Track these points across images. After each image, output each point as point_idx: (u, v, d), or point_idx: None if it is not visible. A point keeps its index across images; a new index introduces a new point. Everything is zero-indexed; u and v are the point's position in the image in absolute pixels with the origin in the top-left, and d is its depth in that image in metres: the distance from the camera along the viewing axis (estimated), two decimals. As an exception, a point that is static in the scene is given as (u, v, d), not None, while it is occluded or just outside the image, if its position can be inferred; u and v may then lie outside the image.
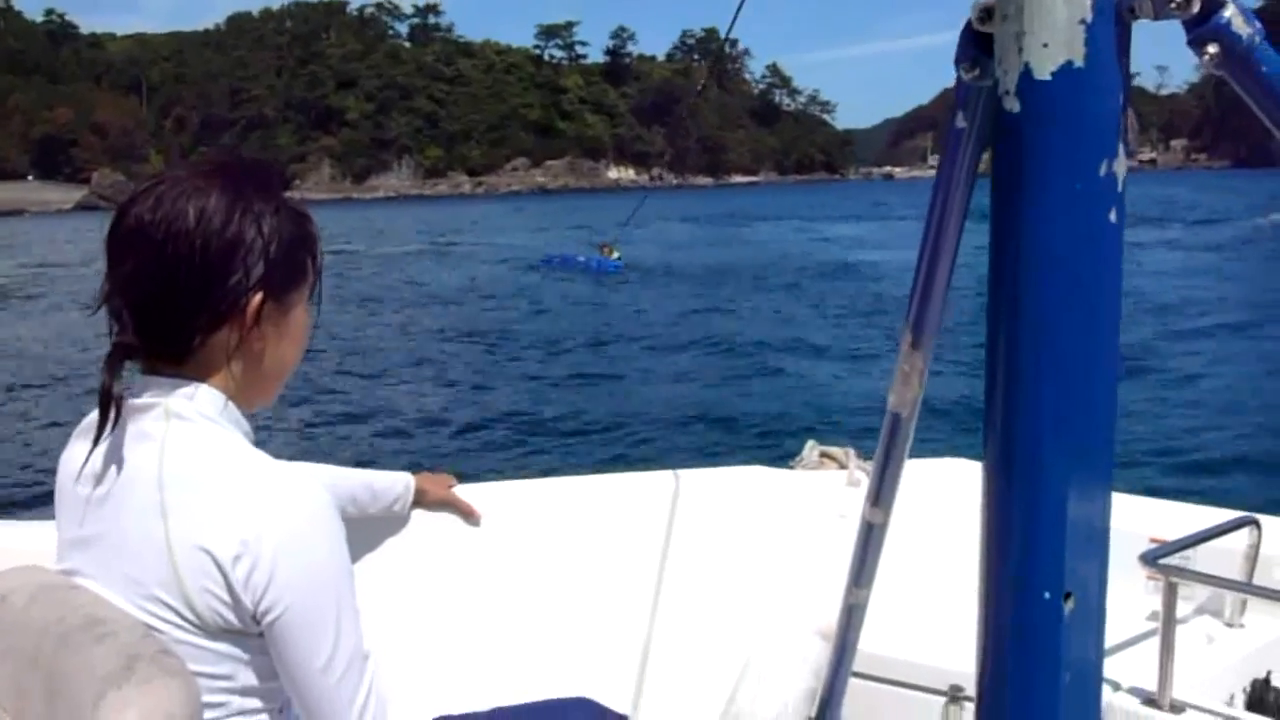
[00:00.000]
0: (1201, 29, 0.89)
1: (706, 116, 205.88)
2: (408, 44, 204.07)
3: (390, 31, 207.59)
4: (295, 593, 1.47)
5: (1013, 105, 0.91)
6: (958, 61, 1.00)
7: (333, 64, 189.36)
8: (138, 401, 1.54)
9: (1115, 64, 0.90)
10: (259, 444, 1.61)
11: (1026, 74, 0.90)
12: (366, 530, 2.59)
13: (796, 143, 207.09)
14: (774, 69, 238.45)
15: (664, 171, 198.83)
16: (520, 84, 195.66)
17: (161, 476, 1.49)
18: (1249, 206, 63.91)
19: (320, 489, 1.54)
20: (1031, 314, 0.93)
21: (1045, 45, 0.89)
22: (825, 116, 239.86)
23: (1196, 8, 0.88)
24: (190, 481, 1.49)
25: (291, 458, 2.02)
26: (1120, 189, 0.92)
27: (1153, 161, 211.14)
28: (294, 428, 15.35)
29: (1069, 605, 0.95)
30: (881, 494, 1.33)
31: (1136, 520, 2.91)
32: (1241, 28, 0.88)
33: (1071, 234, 0.91)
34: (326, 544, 1.51)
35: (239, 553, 1.44)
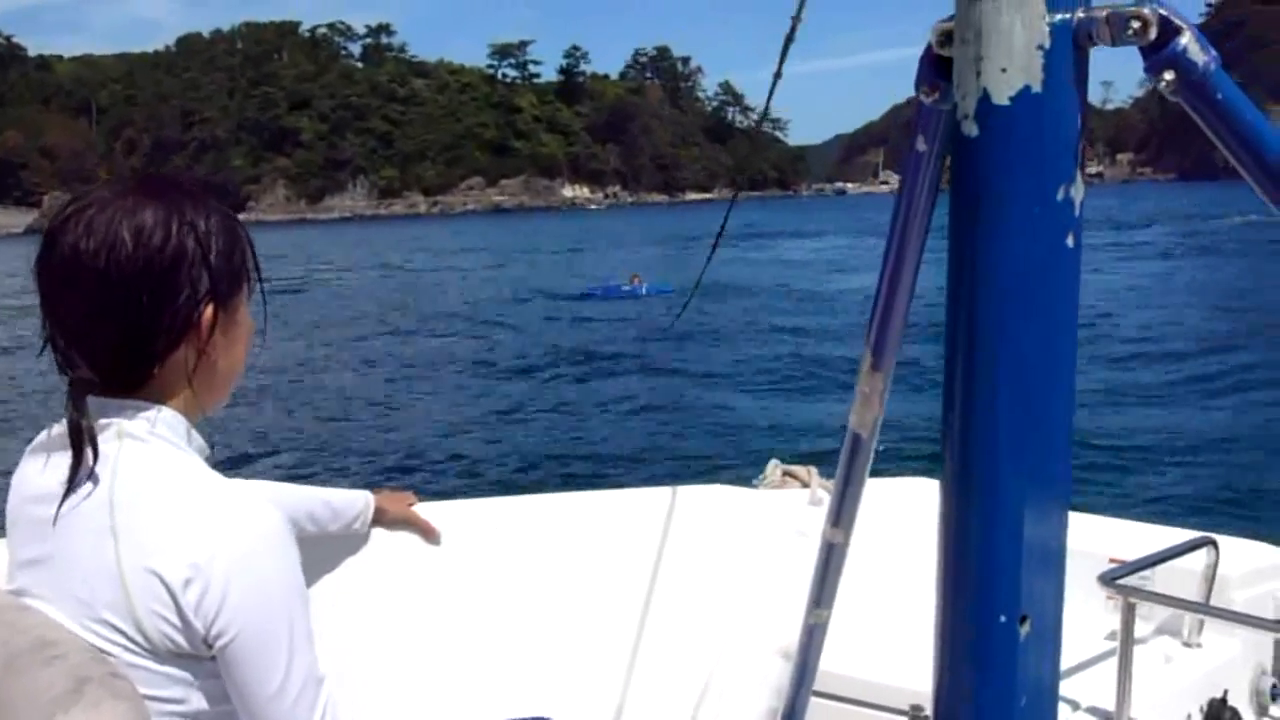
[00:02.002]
0: (1158, 56, 0.90)
1: (660, 134, 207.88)
2: (360, 64, 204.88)
3: (343, 52, 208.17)
4: (247, 617, 1.44)
5: (971, 129, 0.92)
6: (918, 84, 1.02)
7: (285, 85, 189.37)
8: (91, 424, 1.50)
9: (1073, 89, 0.91)
10: (219, 461, 1.59)
11: (985, 99, 0.91)
12: (325, 549, 2.59)
13: (750, 159, 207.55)
14: (726, 86, 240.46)
15: (618, 189, 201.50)
16: (475, 103, 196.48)
17: (113, 498, 1.46)
18: (1197, 215, 65.38)
19: (272, 509, 1.51)
20: (989, 337, 0.93)
21: (1004, 70, 0.90)
22: (778, 133, 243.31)
23: (1153, 35, 0.90)
24: (141, 503, 1.46)
25: (252, 476, 2.16)
26: (1077, 213, 0.93)
27: (1100, 175, 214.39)
28: (258, 445, 15.54)
29: (1025, 628, 0.95)
30: (842, 514, 1.33)
31: (1095, 540, 2.96)
32: (1197, 55, 0.90)
33: (1029, 258, 0.91)
34: (279, 566, 1.48)
35: (189, 576, 1.42)
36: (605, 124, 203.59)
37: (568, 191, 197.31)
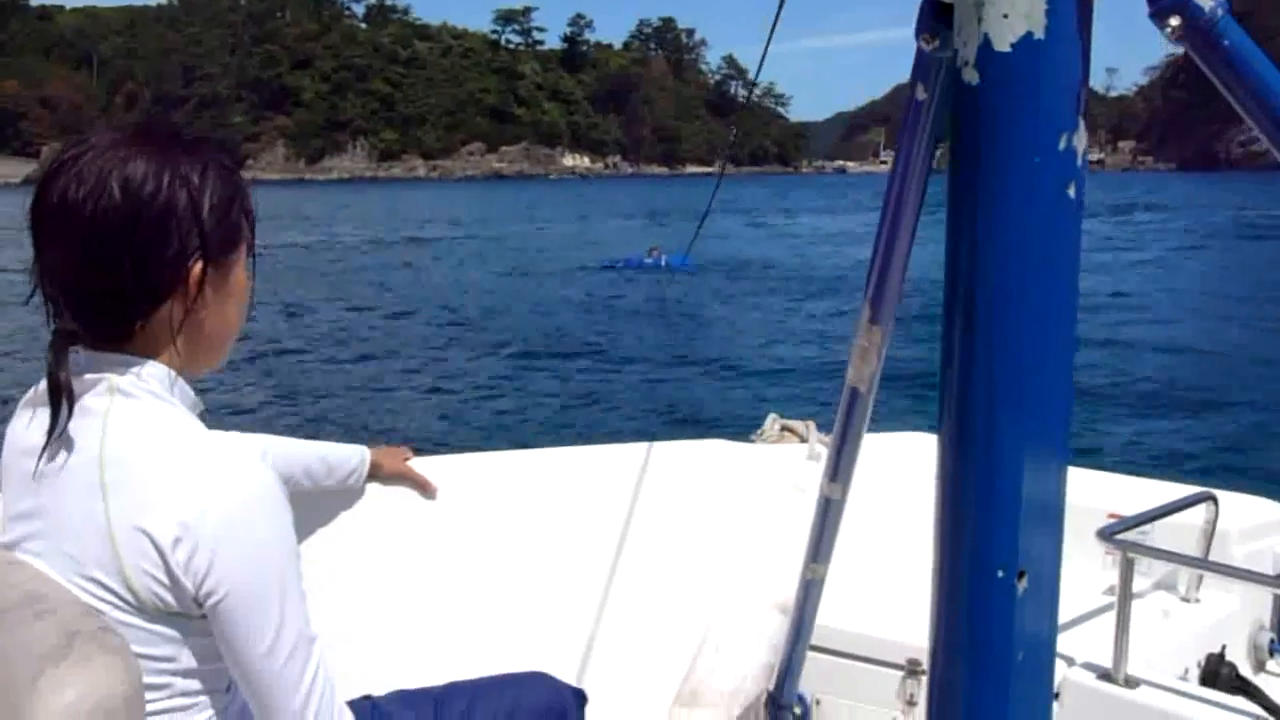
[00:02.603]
0: (1163, 1, 0.89)
1: (662, 106, 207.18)
2: (364, 25, 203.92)
3: (346, 12, 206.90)
4: (237, 576, 1.43)
5: (971, 77, 0.90)
6: (918, 32, 1.00)
7: (288, 43, 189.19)
8: (82, 378, 1.49)
9: (1076, 37, 0.89)
10: (213, 415, 1.58)
11: (986, 45, 0.88)
12: (320, 504, 2.61)
13: (752, 134, 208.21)
14: (730, 60, 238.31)
15: (619, 160, 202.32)
16: (477, 69, 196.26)
17: (103, 455, 1.46)
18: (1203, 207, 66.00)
19: (263, 466, 1.50)
20: (988, 288, 0.91)
21: (1005, 16, 0.87)
22: (780, 109, 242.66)
23: None
24: (131, 461, 1.45)
25: (248, 430, 2.29)
26: (1080, 163, 0.91)
27: (1101, 162, 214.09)
28: (259, 399, 15.57)
29: (1022, 584, 0.94)
30: (839, 469, 1.32)
31: (1094, 495, 2.98)
32: (1204, 0, 0.88)
33: (1029, 207, 0.90)
34: (270, 525, 1.47)
35: (179, 535, 1.41)
36: (607, 94, 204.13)
37: (568, 160, 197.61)
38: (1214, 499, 2.70)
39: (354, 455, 2.60)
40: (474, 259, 39.84)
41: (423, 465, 2.76)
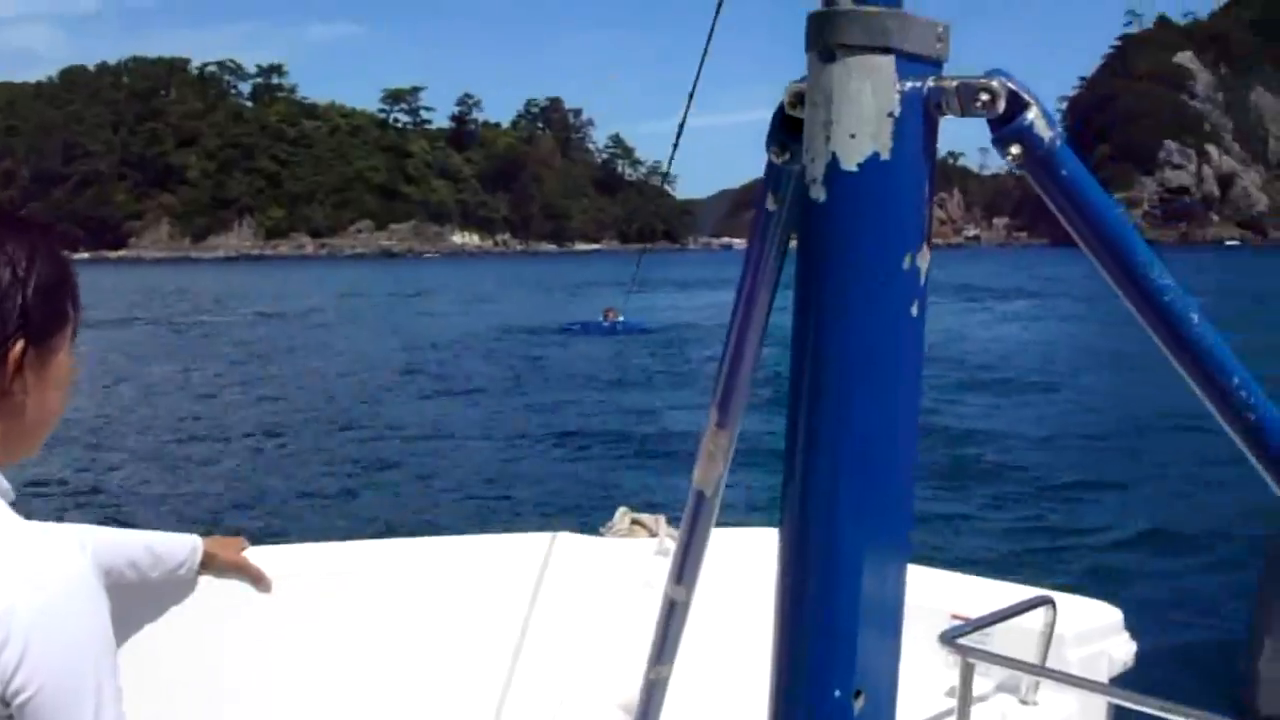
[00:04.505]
0: (1006, 129, 0.92)
1: (550, 184, 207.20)
2: (250, 104, 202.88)
3: (233, 90, 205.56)
4: (49, 673, 1.36)
5: (819, 194, 0.91)
6: (769, 143, 1.01)
7: (172, 121, 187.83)
8: None
9: (922, 158, 0.92)
10: (31, 503, 1.49)
11: (834, 164, 0.90)
12: (147, 596, 2.50)
13: (638, 212, 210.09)
14: (616, 139, 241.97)
15: (508, 237, 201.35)
16: (365, 147, 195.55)
17: None
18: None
19: (80, 558, 1.44)
20: (831, 402, 0.92)
21: (853, 136, 0.89)
22: (666, 187, 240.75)
23: (1001, 108, 0.91)
24: None
25: (71, 519, 2.47)
26: (923, 282, 0.92)
27: (977, 238, 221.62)
28: (85, 485, 14.92)
29: (859, 702, 0.93)
30: (685, 572, 1.32)
31: (937, 595, 3.00)
32: (1043, 130, 0.91)
33: (873, 326, 0.91)
34: (85, 619, 1.40)
35: None
36: (496, 172, 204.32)
37: (457, 238, 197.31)
38: (1052, 603, 2.73)
39: (184, 545, 2.53)
40: (346, 339, 39.10)
41: (259, 556, 2.68)
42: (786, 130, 0.98)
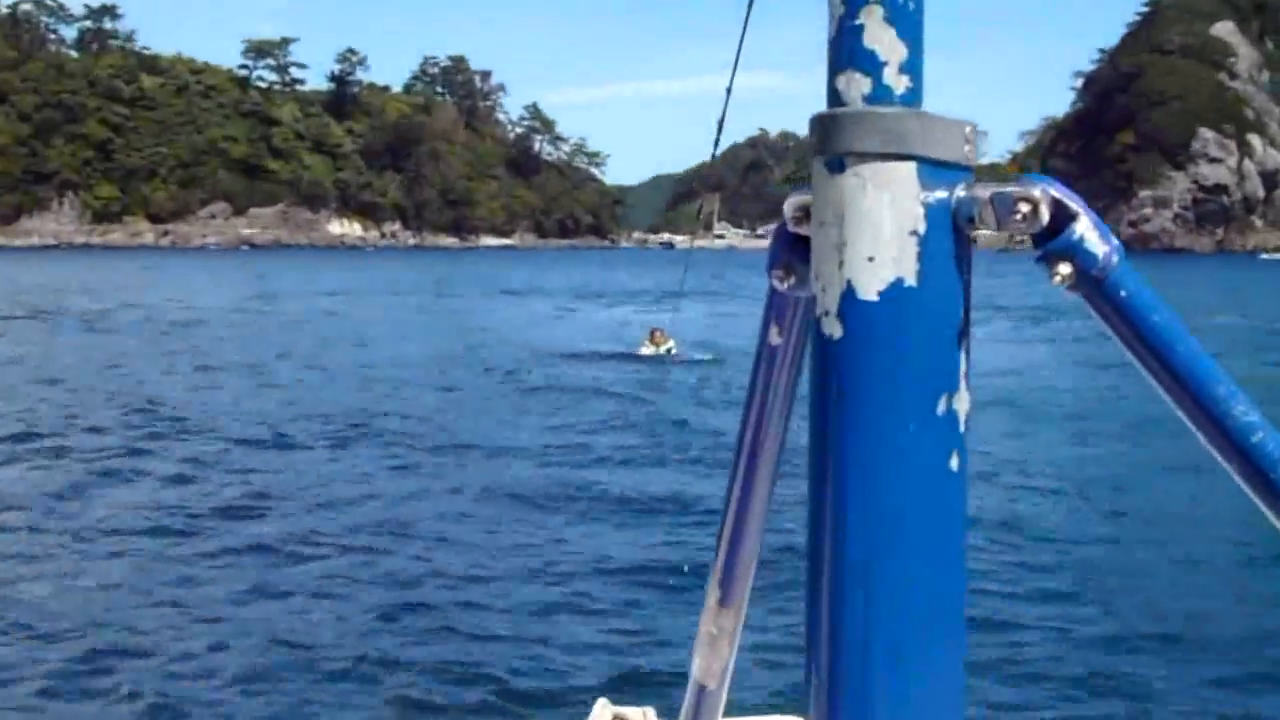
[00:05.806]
0: (1052, 246, 0.81)
1: (452, 163, 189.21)
2: (75, 54, 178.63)
3: (53, 36, 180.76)
4: None
5: (833, 329, 0.80)
6: (770, 266, 0.90)
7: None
8: None
9: (955, 281, 0.81)
10: None
11: (849, 293, 0.79)
12: None
13: (560, 200, 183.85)
14: (534, 110, 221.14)
15: (398, 228, 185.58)
16: (221, 111, 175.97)
17: None
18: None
19: None
20: (857, 580, 0.81)
21: (871, 259, 0.79)
22: (594, 169, 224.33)
23: (1045, 220, 0.80)
24: None
25: None
26: (963, 429, 0.82)
27: (974, 240, 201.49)
28: None
29: None
30: None
31: None
32: (1097, 245, 0.80)
33: (904, 485, 0.80)
34: None
35: None
36: (384, 147, 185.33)
37: (335, 227, 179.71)
38: None
39: None
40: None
41: None
42: (791, 250, 0.88)
